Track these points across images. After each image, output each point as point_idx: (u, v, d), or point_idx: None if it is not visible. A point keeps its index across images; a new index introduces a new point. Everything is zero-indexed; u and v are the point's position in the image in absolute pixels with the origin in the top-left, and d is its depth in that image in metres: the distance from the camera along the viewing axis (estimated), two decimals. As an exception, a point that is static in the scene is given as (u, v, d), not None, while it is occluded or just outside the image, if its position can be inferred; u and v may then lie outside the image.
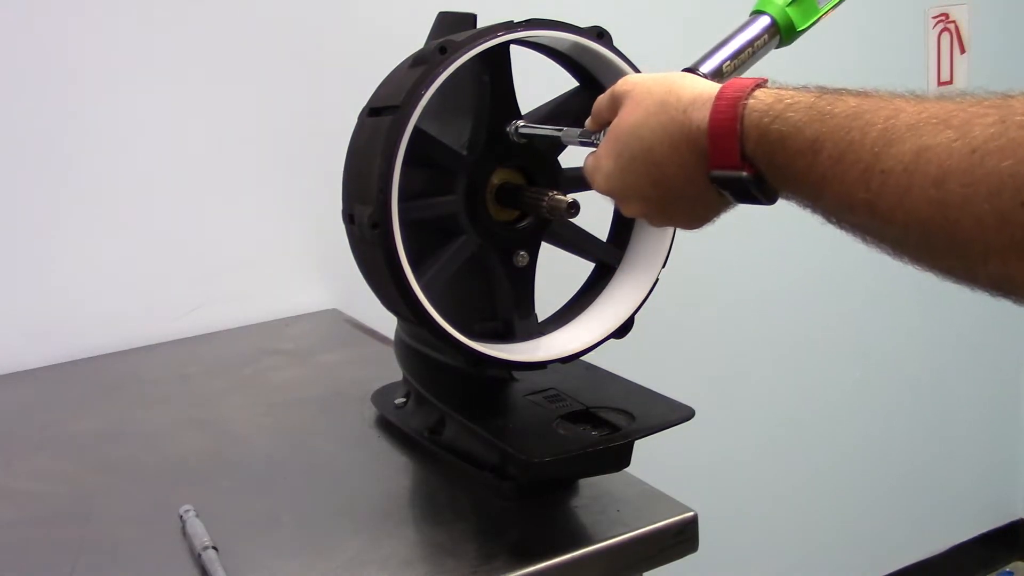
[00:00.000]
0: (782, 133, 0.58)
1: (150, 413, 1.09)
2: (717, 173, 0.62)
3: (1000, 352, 2.25)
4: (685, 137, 0.64)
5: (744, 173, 0.61)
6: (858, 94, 0.57)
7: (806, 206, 0.59)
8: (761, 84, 0.63)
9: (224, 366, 1.21)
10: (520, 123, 0.78)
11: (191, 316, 1.32)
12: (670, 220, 0.70)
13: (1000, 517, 2.31)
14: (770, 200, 0.62)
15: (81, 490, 0.88)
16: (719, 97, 0.62)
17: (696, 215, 0.68)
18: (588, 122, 0.73)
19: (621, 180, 0.68)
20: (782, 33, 0.81)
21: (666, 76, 0.69)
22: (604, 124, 0.71)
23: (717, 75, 0.77)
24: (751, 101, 0.61)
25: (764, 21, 0.80)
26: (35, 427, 1.06)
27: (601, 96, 0.71)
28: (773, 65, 2.14)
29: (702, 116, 0.63)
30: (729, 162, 0.61)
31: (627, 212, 0.71)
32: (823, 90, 0.59)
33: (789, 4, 0.80)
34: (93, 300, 1.27)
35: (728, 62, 0.79)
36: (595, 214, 0.83)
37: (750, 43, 0.80)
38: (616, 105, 0.69)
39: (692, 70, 0.77)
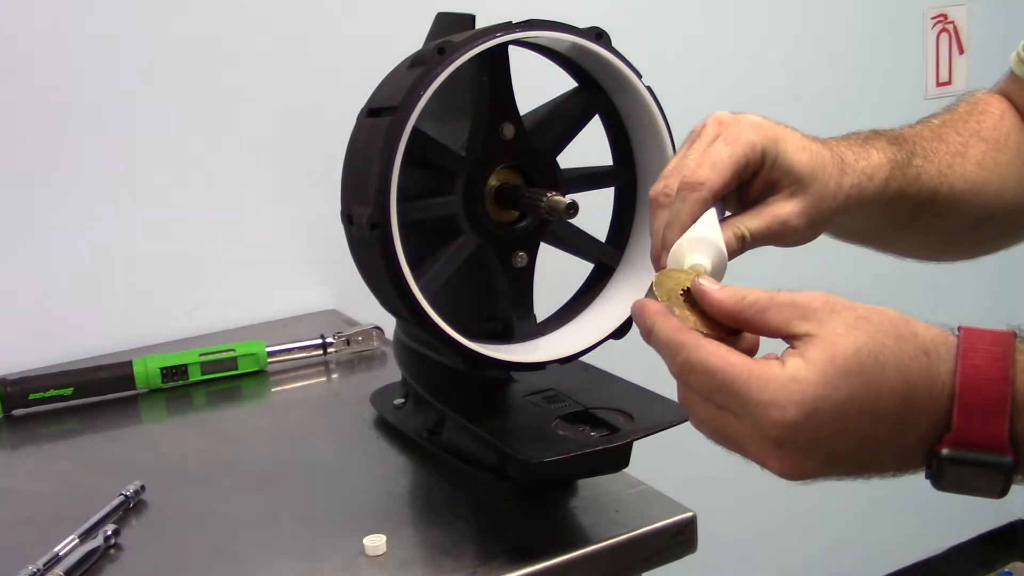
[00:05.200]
0: None
1: (149, 413, 1.10)
2: (953, 453, 0.47)
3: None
4: (927, 389, 0.48)
5: (1008, 459, 0.46)
6: None
7: None
8: (1021, 335, 0.48)
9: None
10: None
11: (190, 316, 1.32)
12: (827, 471, 0.52)
13: (999, 518, 2.31)
14: (1000, 494, 0.48)
15: (81, 490, 0.88)
16: (968, 346, 0.47)
17: (863, 472, 0.52)
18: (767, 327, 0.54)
19: (811, 430, 0.49)
20: None
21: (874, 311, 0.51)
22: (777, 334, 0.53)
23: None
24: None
25: None
26: (34, 427, 1.06)
27: (770, 305, 0.53)
28: (769, 63, 2.15)
29: (948, 368, 0.47)
30: (986, 440, 0.46)
31: (772, 463, 0.51)
32: None
33: None
34: (93, 300, 1.27)
35: None
36: (594, 215, 0.83)
37: None
38: (804, 316, 0.51)
39: None
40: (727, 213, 0.69)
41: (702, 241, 0.63)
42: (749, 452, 0.52)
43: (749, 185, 0.67)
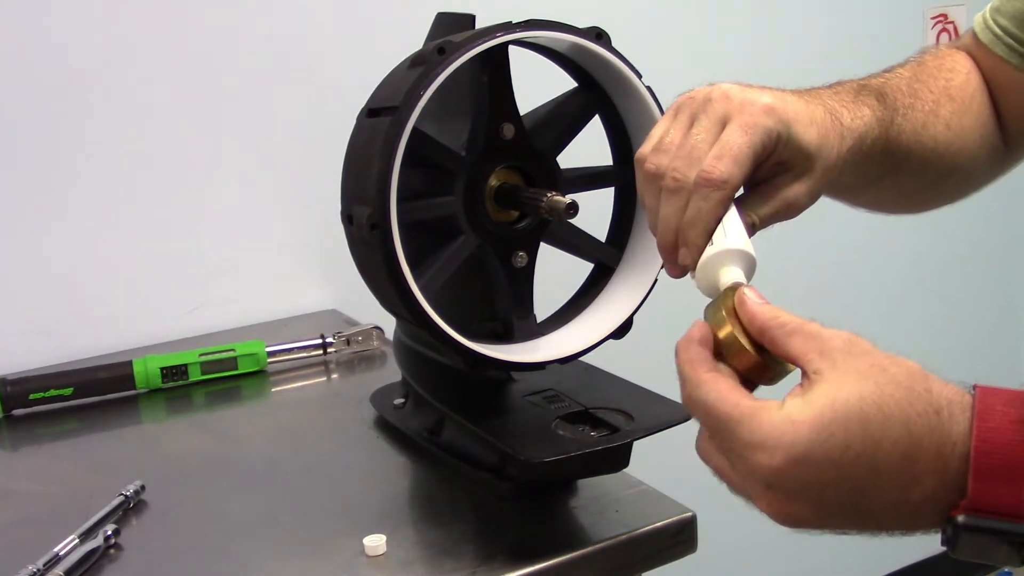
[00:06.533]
0: None
1: (149, 413, 1.10)
2: (969, 520, 0.45)
3: (997, 353, 2.26)
4: (935, 448, 0.46)
5: None
6: None
7: None
8: None
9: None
10: None
11: (191, 316, 1.32)
12: (820, 520, 0.50)
13: (999, 517, 2.31)
14: (1022, 563, 0.46)
15: (81, 490, 0.88)
16: (984, 407, 0.46)
17: (864, 527, 0.50)
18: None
19: (800, 477, 0.48)
20: None
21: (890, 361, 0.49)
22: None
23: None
24: None
25: None
26: (34, 427, 1.06)
27: (798, 330, 0.52)
28: (770, 63, 2.15)
29: (962, 429, 0.46)
30: (1003, 507, 0.44)
31: (760, 504, 0.51)
32: None
33: None
34: (93, 300, 1.27)
35: None
36: (594, 215, 0.83)
37: None
38: (821, 352, 0.50)
39: None
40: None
41: (736, 253, 0.61)
42: (742, 489, 0.52)
43: (759, 167, 0.65)
